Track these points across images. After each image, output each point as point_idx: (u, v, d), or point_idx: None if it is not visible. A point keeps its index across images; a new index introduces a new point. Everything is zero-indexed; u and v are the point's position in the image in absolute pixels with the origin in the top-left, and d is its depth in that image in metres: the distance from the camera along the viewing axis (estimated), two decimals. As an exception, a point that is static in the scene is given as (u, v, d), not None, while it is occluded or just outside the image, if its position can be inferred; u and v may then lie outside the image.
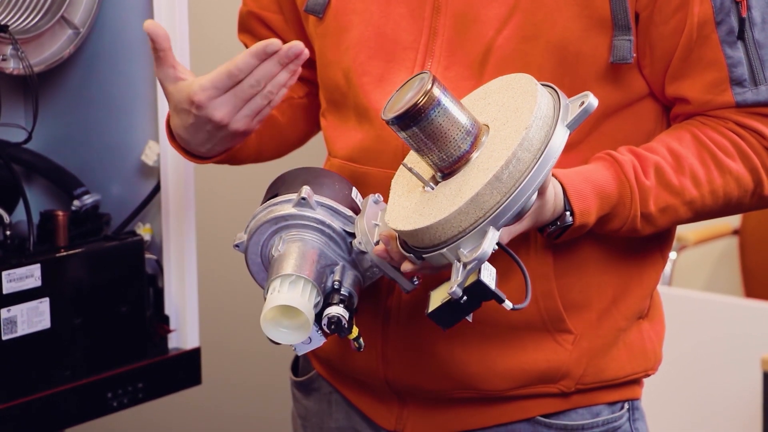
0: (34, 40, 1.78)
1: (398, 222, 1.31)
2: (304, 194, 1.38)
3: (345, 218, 1.39)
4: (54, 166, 1.88)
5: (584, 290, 1.46)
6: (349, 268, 1.38)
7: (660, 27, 1.41)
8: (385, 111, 1.29)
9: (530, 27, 1.41)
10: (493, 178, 1.24)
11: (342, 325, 1.33)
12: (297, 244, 1.37)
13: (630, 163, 1.39)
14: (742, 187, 1.43)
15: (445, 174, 1.30)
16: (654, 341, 1.54)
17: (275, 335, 1.32)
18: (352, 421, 1.58)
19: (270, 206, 1.40)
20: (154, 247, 1.88)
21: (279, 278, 1.33)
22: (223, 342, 2.90)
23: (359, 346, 1.36)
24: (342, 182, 1.44)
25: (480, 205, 1.24)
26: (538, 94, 1.28)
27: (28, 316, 1.70)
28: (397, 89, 1.31)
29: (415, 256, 1.30)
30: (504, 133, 1.28)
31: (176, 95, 1.46)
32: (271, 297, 1.32)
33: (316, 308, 1.33)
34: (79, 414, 1.78)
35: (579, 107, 1.27)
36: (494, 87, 1.35)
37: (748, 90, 1.41)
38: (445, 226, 1.26)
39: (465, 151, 1.29)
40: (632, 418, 1.53)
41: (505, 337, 1.43)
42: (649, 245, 1.49)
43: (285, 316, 1.32)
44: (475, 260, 1.23)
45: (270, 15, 1.62)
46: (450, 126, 1.28)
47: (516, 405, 1.49)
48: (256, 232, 1.39)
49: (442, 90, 1.27)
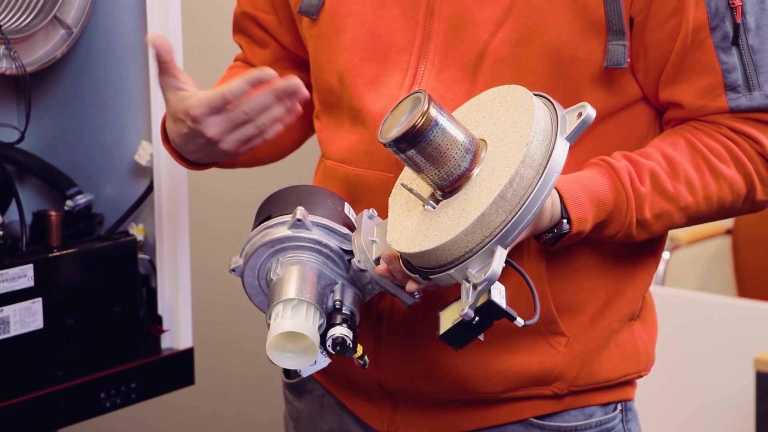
0: (26, 40, 1.78)
1: (402, 244, 1.30)
2: (299, 215, 1.37)
3: (341, 236, 1.38)
4: (47, 166, 1.88)
5: (577, 293, 1.47)
6: (348, 286, 1.37)
7: (654, 32, 1.41)
8: (381, 133, 1.29)
9: (524, 30, 1.40)
10: (498, 197, 1.23)
11: (347, 345, 1.32)
12: (295, 266, 1.36)
13: (626, 170, 1.39)
14: (736, 192, 1.43)
15: (445, 192, 1.29)
16: (646, 342, 1.54)
17: (281, 361, 1.32)
18: (344, 423, 1.57)
19: (265, 229, 1.39)
20: (147, 247, 1.88)
21: (281, 303, 1.32)
22: (216, 342, 2.89)
23: (364, 364, 1.36)
24: (334, 198, 1.43)
25: (486, 225, 1.24)
26: (534, 108, 1.27)
27: (20, 317, 1.70)
28: (391, 110, 1.30)
29: (420, 276, 1.30)
30: (504, 149, 1.27)
31: (174, 104, 1.46)
32: (275, 323, 1.31)
33: (320, 330, 1.33)
34: (72, 414, 1.78)
35: (577, 119, 1.26)
36: (486, 99, 1.34)
37: (742, 95, 1.41)
38: (452, 247, 1.25)
39: (465, 169, 1.28)
40: (625, 419, 1.53)
41: (498, 339, 1.43)
42: (641, 248, 1.49)
43: (290, 341, 1.31)
44: (485, 281, 1.23)
45: (264, 16, 1.62)
46: (449, 145, 1.27)
47: (509, 407, 1.49)
48: (252, 256, 1.38)
49: (439, 109, 1.27)
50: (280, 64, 1.64)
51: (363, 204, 1.46)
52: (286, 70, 1.64)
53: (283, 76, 1.50)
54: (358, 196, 1.47)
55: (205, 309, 2.61)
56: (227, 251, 2.98)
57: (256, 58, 1.65)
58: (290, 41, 1.62)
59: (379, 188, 1.44)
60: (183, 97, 1.45)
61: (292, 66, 1.64)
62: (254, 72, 1.41)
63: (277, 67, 1.63)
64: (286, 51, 1.63)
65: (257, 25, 1.63)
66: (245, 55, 1.67)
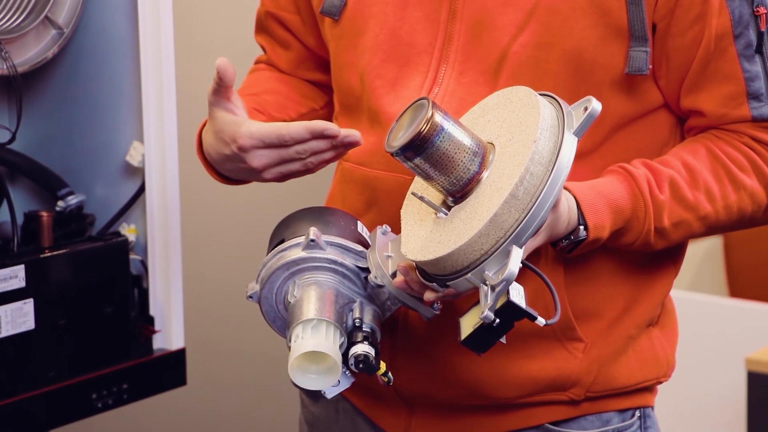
0: (18, 41, 1.77)
1: (416, 253, 1.29)
2: (312, 236, 1.36)
3: (356, 254, 1.38)
4: (38, 166, 1.88)
5: (595, 299, 1.46)
6: (367, 304, 1.37)
7: (677, 38, 1.40)
8: (388, 142, 1.28)
9: (546, 34, 1.40)
10: (509, 197, 1.23)
11: (370, 362, 1.32)
12: (312, 287, 1.36)
13: (644, 177, 1.38)
14: (756, 202, 1.43)
15: (456, 198, 1.29)
16: (666, 348, 1.52)
17: (304, 383, 1.31)
18: (359, 428, 1.57)
19: (279, 252, 1.38)
20: (139, 247, 1.88)
21: (300, 324, 1.32)
22: (209, 343, 2.89)
23: (388, 381, 1.35)
24: (346, 218, 1.43)
25: (499, 225, 1.23)
26: (540, 106, 1.27)
27: (12, 317, 1.69)
28: (396, 119, 1.30)
29: (438, 284, 1.29)
30: (512, 149, 1.27)
31: (222, 125, 1.43)
32: (296, 344, 1.31)
33: (341, 349, 1.32)
34: (64, 415, 1.78)
35: (583, 113, 1.26)
36: (492, 103, 1.34)
37: (764, 104, 1.41)
38: (467, 251, 1.25)
39: (474, 173, 1.28)
40: (644, 426, 1.52)
41: (514, 345, 1.42)
42: (661, 255, 1.48)
43: (312, 361, 1.31)
44: (503, 282, 1.22)
45: (288, 15, 1.61)
46: (456, 150, 1.27)
47: (525, 412, 1.48)
48: (269, 281, 1.38)
49: (444, 115, 1.27)
50: (304, 66, 1.63)
51: (380, 206, 1.46)
52: (309, 71, 1.64)
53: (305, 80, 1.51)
54: (375, 198, 1.47)
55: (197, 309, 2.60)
56: (219, 252, 2.98)
57: (279, 59, 1.64)
58: (314, 42, 1.61)
59: (397, 190, 1.44)
60: (233, 121, 1.42)
61: (316, 67, 1.63)
62: (318, 125, 1.38)
63: (301, 69, 1.63)
64: (310, 52, 1.63)
65: (281, 25, 1.62)
66: (268, 56, 1.66)
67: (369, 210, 1.47)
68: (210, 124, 1.46)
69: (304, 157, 1.40)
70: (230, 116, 1.42)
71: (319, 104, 1.64)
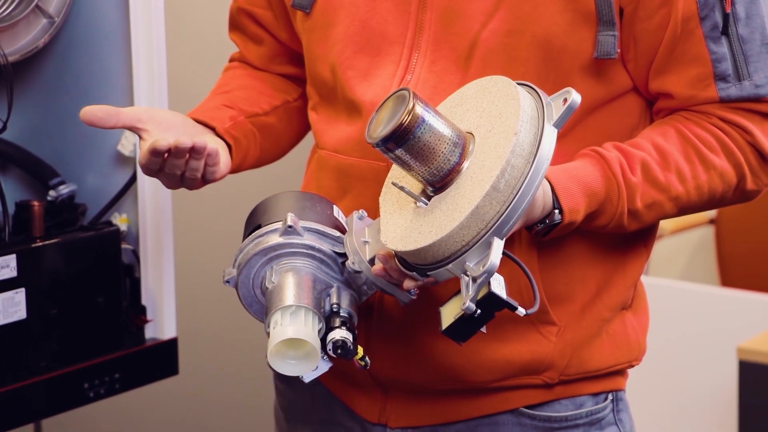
0: (8, 30, 1.77)
1: (396, 242, 1.30)
2: (290, 222, 1.37)
3: (333, 239, 1.38)
4: (29, 156, 1.87)
5: (568, 283, 1.47)
6: (344, 289, 1.37)
7: (644, 22, 1.41)
8: (368, 133, 1.29)
9: (515, 21, 1.41)
10: (491, 189, 1.23)
11: (347, 347, 1.33)
12: (290, 273, 1.36)
13: (616, 160, 1.39)
14: (726, 182, 1.44)
15: (436, 188, 1.29)
16: (638, 331, 1.54)
17: (283, 368, 1.32)
18: (334, 413, 1.57)
19: (256, 238, 1.39)
20: (131, 237, 1.88)
21: (279, 311, 1.33)
22: (200, 332, 2.89)
23: (365, 365, 1.36)
24: (322, 202, 1.43)
25: (481, 217, 1.24)
26: (520, 97, 1.27)
27: (3, 307, 1.69)
28: (376, 109, 1.30)
29: (418, 273, 1.30)
30: (492, 140, 1.27)
31: None
32: (275, 331, 1.32)
33: (319, 334, 1.33)
34: (56, 405, 1.78)
35: (562, 104, 1.27)
36: (470, 92, 1.34)
37: (731, 85, 1.42)
38: (448, 242, 1.25)
39: (455, 164, 1.28)
40: (616, 408, 1.53)
41: (489, 329, 1.43)
42: (632, 237, 1.49)
43: (291, 347, 1.32)
44: (484, 273, 1.23)
45: (260, 11, 1.62)
46: (437, 141, 1.27)
47: (500, 396, 1.49)
48: (246, 266, 1.38)
49: (425, 106, 1.27)
50: (277, 60, 1.64)
51: (355, 193, 1.47)
52: (282, 65, 1.64)
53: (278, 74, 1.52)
54: (349, 184, 1.47)
55: (188, 299, 2.61)
56: (211, 241, 2.98)
57: (252, 55, 1.65)
58: (286, 36, 1.61)
59: (371, 177, 1.45)
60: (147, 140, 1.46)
61: (289, 61, 1.64)
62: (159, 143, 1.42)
63: (274, 64, 1.64)
64: (282, 46, 1.63)
65: (253, 21, 1.63)
66: (241, 53, 1.67)
67: (344, 197, 1.48)
68: None
69: (181, 172, 1.45)
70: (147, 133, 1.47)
71: (292, 96, 1.64)
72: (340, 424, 1.57)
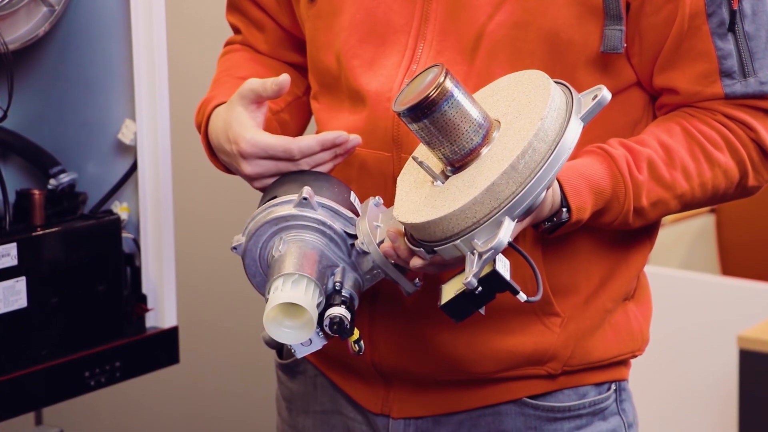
0: (8, 18, 1.77)
1: (408, 215, 1.29)
2: (305, 194, 1.36)
3: (346, 220, 1.37)
4: (30, 144, 1.87)
5: (572, 274, 1.47)
6: (349, 270, 1.36)
7: (651, 17, 1.41)
8: (396, 103, 1.28)
9: (522, 13, 1.40)
10: (509, 168, 1.23)
11: (344, 325, 1.31)
12: (298, 244, 1.35)
13: (623, 158, 1.39)
14: (729, 179, 1.44)
15: (455, 168, 1.29)
16: (641, 322, 1.54)
17: (278, 334, 1.30)
18: (337, 404, 1.57)
19: (270, 207, 1.37)
20: (131, 226, 1.88)
21: (281, 277, 1.31)
22: (201, 321, 2.89)
23: (359, 349, 1.35)
24: (340, 186, 1.42)
25: (495, 195, 1.24)
26: (551, 87, 1.27)
27: (4, 295, 1.69)
28: (408, 82, 1.30)
29: (425, 250, 1.29)
30: (518, 125, 1.27)
31: (233, 120, 1.43)
32: (274, 295, 1.30)
33: (319, 308, 1.32)
34: (56, 393, 1.78)
35: (592, 100, 1.27)
36: (503, 84, 1.35)
37: (737, 82, 1.42)
38: (460, 216, 1.25)
39: (477, 144, 1.28)
40: (619, 399, 1.53)
41: (492, 319, 1.43)
42: (637, 230, 1.49)
43: (287, 315, 1.30)
44: (491, 250, 1.23)
45: None
46: (462, 119, 1.27)
47: (503, 387, 1.49)
48: (255, 234, 1.37)
49: (455, 83, 1.27)
50: (282, 46, 1.62)
51: (359, 183, 1.46)
52: (288, 51, 1.63)
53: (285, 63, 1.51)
54: (354, 174, 1.47)
55: (189, 288, 2.61)
56: (212, 230, 2.98)
57: (256, 40, 1.63)
58: (288, 22, 1.60)
59: (377, 168, 1.44)
60: (244, 123, 1.42)
61: (293, 48, 1.62)
62: (329, 135, 1.39)
63: (281, 49, 1.63)
64: (285, 32, 1.62)
65: (255, 5, 1.61)
66: (244, 37, 1.65)
67: (349, 186, 1.48)
68: (225, 111, 1.46)
69: (303, 168, 1.41)
70: (245, 117, 1.43)
71: (301, 90, 1.63)
72: (342, 415, 1.57)
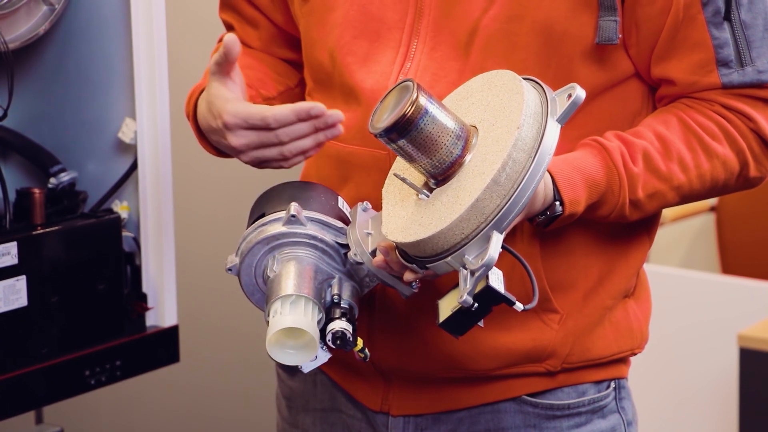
0: (9, 17, 1.76)
1: (397, 234, 1.30)
2: (293, 211, 1.37)
3: (336, 230, 1.38)
4: (30, 143, 1.87)
5: (570, 271, 1.47)
6: (345, 280, 1.37)
7: (646, 7, 1.40)
8: (372, 124, 1.29)
9: (516, 7, 1.40)
10: (492, 182, 1.23)
11: (347, 338, 1.33)
12: (292, 262, 1.36)
13: (618, 150, 1.39)
14: (729, 170, 1.43)
15: (438, 180, 1.29)
16: (640, 320, 1.53)
17: (282, 358, 1.33)
18: (337, 402, 1.57)
19: (259, 226, 1.39)
20: (132, 224, 1.88)
21: (279, 300, 1.33)
22: (202, 319, 2.89)
23: (365, 357, 1.36)
24: (327, 193, 1.43)
25: (481, 211, 1.24)
26: (524, 91, 1.27)
27: (4, 294, 1.69)
28: (381, 100, 1.30)
29: (417, 266, 1.30)
30: (495, 134, 1.27)
31: (214, 97, 1.42)
32: (274, 320, 1.32)
33: (319, 325, 1.33)
34: (56, 392, 1.78)
35: (567, 100, 1.27)
36: (476, 86, 1.34)
37: (734, 71, 1.41)
38: (447, 234, 1.25)
39: (457, 156, 1.28)
40: (618, 396, 1.53)
41: (491, 316, 1.43)
42: (635, 226, 1.49)
43: (290, 337, 1.32)
44: (482, 267, 1.23)
45: None
46: (440, 133, 1.27)
47: (502, 384, 1.49)
48: (248, 254, 1.38)
49: (428, 97, 1.27)
50: (276, 43, 1.63)
51: (355, 181, 1.46)
52: (281, 48, 1.63)
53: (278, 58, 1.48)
54: (350, 173, 1.47)
55: (189, 286, 2.61)
56: (212, 229, 2.98)
57: (250, 37, 1.63)
58: (282, 19, 1.60)
59: (372, 165, 1.44)
60: (224, 96, 1.42)
61: (287, 45, 1.62)
62: (304, 105, 1.37)
63: (274, 46, 1.63)
64: (279, 29, 1.62)
65: (248, 2, 1.62)
66: (237, 34, 1.64)
67: (344, 185, 1.48)
68: (206, 92, 1.46)
69: (285, 142, 1.39)
70: (224, 90, 1.42)
71: (293, 82, 1.63)
72: (342, 413, 1.57)
